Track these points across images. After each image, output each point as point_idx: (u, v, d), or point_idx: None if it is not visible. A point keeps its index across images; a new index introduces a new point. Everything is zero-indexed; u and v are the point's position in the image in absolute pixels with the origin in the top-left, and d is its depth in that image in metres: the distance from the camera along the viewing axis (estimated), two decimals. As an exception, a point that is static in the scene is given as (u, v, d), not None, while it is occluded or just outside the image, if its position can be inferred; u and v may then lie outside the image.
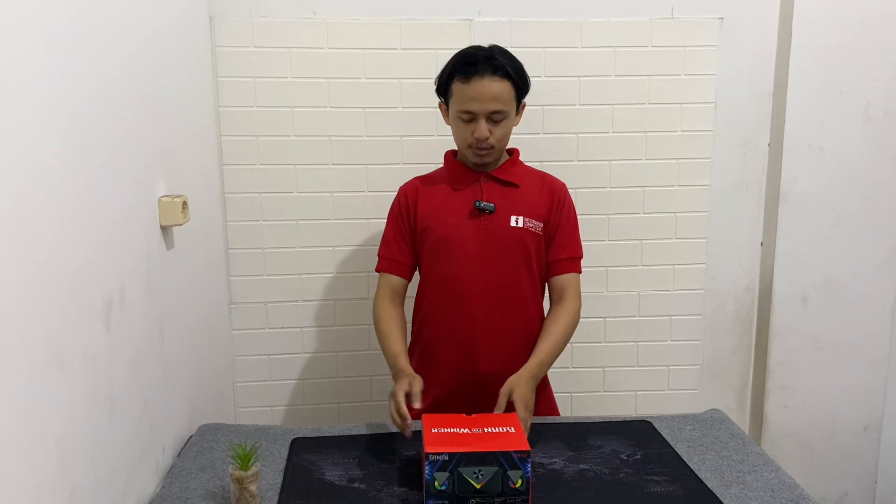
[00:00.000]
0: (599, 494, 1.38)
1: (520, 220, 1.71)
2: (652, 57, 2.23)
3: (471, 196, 1.72)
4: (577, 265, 1.78)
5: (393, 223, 1.80)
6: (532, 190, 1.75)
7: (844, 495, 2.50)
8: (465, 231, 1.71)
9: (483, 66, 1.62)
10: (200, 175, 1.94)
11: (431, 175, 1.83)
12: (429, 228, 1.74)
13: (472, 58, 1.65)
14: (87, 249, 1.16)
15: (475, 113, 1.64)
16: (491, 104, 1.62)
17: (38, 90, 1.02)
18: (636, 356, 2.40)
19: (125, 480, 1.31)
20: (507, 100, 1.65)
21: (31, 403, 0.98)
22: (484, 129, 1.64)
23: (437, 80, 1.72)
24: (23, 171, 0.97)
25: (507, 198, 1.72)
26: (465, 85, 1.63)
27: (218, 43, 2.11)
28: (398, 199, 1.80)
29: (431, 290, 1.77)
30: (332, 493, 1.38)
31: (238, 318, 2.27)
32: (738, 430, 1.66)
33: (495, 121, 1.65)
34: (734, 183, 2.36)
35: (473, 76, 1.62)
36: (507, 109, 1.65)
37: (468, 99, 1.63)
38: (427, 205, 1.75)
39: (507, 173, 1.75)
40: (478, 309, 1.72)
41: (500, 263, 1.71)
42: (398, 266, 1.78)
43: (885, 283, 2.39)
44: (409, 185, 1.82)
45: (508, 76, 1.64)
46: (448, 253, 1.72)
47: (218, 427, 1.70)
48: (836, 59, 2.27)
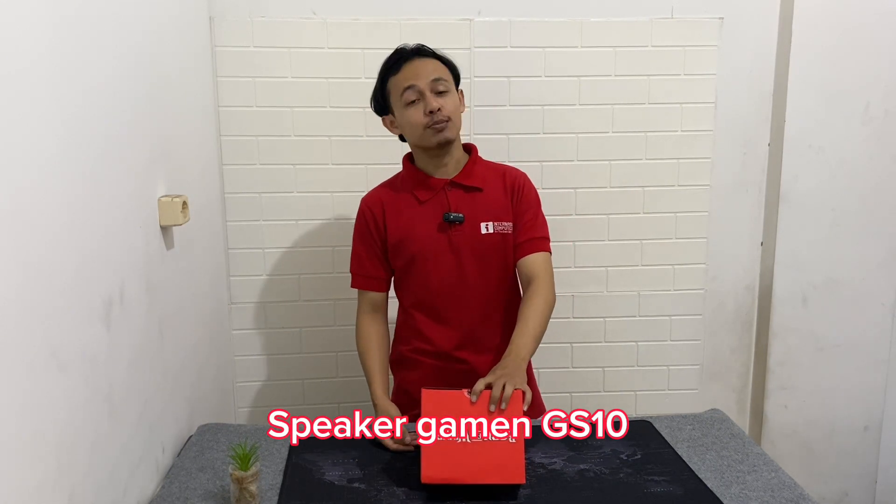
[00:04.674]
0: (599, 494, 1.37)
1: (490, 226, 1.69)
2: (652, 57, 2.23)
3: (438, 208, 1.70)
4: (544, 244, 1.72)
5: (361, 239, 1.76)
6: (496, 190, 1.72)
7: (844, 495, 2.50)
8: (437, 244, 1.69)
9: (409, 54, 1.68)
10: (200, 175, 1.94)
11: (392, 183, 1.78)
12: (401, 245, 1.71)
13: (397, 53, 1.70)
14: (86, 249, 1.16)
15: (419, 87, 1.63)
16: (430, 74, 1.64)
17: (38, 90, 1.02)
18: (636, 356, 2.40)
19: (125, 480, 1.31)
20: (443, 73, 1.66)
21: (31, 403, 0.98)
22: (432, 101, 1.63)
23: (373, 100, 1.74)
24: (22, 170, 0.97)
25: (473, 204, 1.70)
26: (399, 74, 1.66)
27: (218, 43, 2.11)
28: (363, 213, 1.76)
29: (412, 302, 1.76)
30: (332, 493, 1.38)
31: (238, 318, 2.27)
32: (738, 430, 1.66)
33: (440, 91, 1.64)
34: (734, 183, 2.36)
35: (403, 63, 1.66)
36: (448, 80, 1.66)
37: (406, 79, 1.65)
38: (395, 220, 1.72)
39: (470, 177, 1.71)
40: (459, 321, 1.71)
41: (477, 272, 1.70)
42: (374, 282, 1.77)
43: (885, 283, 2.39)
44: (371, 198, 1.77)
45: (437, 57, 1.69)
46: (425, 267, 1.70)
47: (218, 427, 1.70)
48: (836, 59, 2.27)
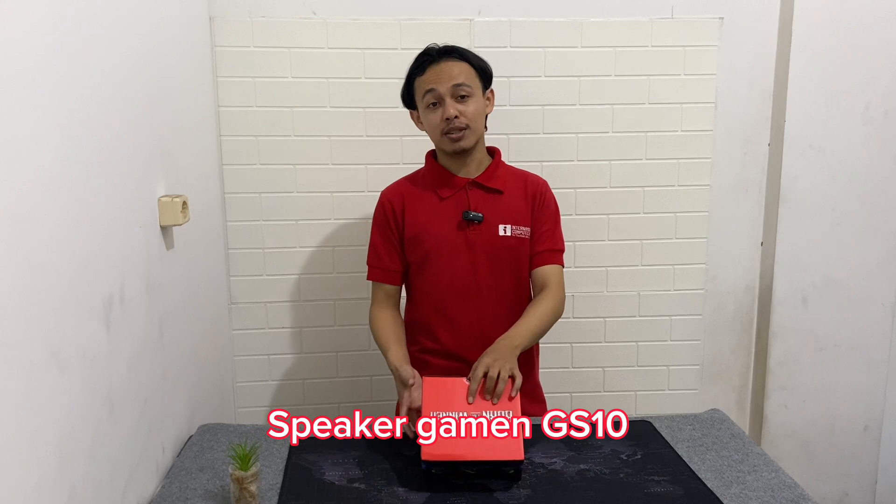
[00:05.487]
0: (599, 494, 1.37)
1: (508, 229, 1.71)
2: (652, 57, 2.23)
3: (458, 205, 1.71)
4: (558, 257, 1.75)
5: (379, 230, 1.77)
6: (517, 194, 1.74)
7: (844, 495, 2.50)
8: (455, 242, 1.70)
9: (436, 55, 1.67)
10: (200, 175, 1.94)
11: (413, 178, 1.80)
12: (417, 239, 1.72)
13: (426, 52, 1.70)
14: (86, 249, 1.16)
15: (439, 92, 1.64)
16: (451, 80, 1.64)
17: (38, 90, 1.02)
18: (636, 356, 2.40)
19: (125, 480, 1.31)
20: (468, 77, 1.65)
21: (31, 403, 0.98)
22: (451, 108, 1.63)
23: (402, 93, 1.75)
24: (22, 170, 0.97)
25: (493, 205, 1.71)
26: (423, 76, 1.67)
27: (218, 43, 2.11)
28: (382, 205, 1.77)
29: (421, 301, 1.76)
30: (332, 493, 1.38)
31: (238, 318, 2.27)
32: (738, 430, 1.66)
33: (461, 97, 1.64)
34: (734, 183, 2.36)
35: (429, 66, 1.66)
36: (471, 85, 1.65)
37: (428, 83, 1.66)
38: (414, 214, 1.73)
39: (492, 179, 1.73)
40: (469, 320, 1.72)
41: (490, 273, 1.71)
42: (390, 274, 1.77)
43: (885, 283, 2.39)
44: (391, 190, 1.79)
45: (465, 59, 1.67)
46: (439, 264, 1.71)
47: (218, 427, 1.70)
48: (836, 59, 2.27)
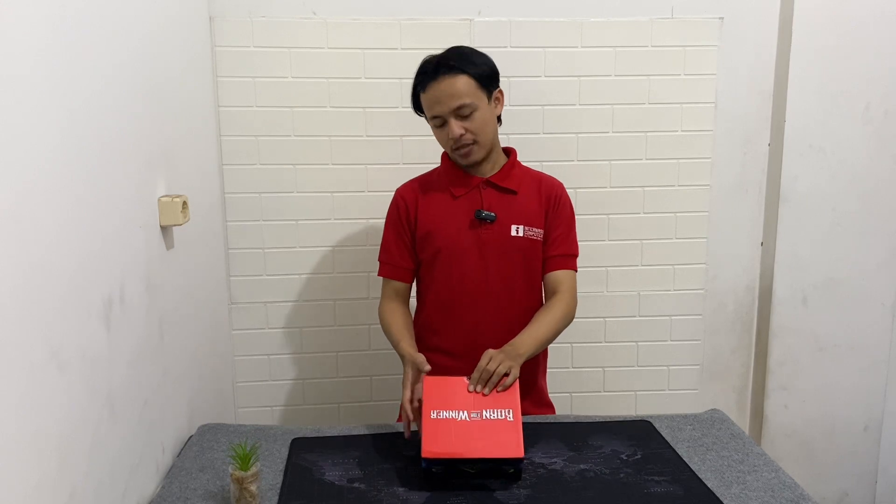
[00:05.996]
0: (599, 494, 1.37)
1: (520, 229, 1.71)
2: (652, 57, 2.23)
3: (471, 204, 1.71)
4: (572, 262, 1.75)
5: (392, 227, 1.78)
6: (531, 195, 1.74)
7: (844, 495, 2.50)
8: (466, 240, 1.71)
9: (434, 70, 1.64)
10: (200, 175, 1.94)
11: (428, 177, 1.81)
12: (429, 236, 1.73)
13: (425, 67, 1.67)
14: (86, 249, 1.16)
15: (441, 115, 1.64)
16: (451, 101, 1.62)
17: (38, 90, 1.02)
18: (636, 356, 2.40)
19: (125, 480, 1.31)
20: (468, 92, 1.62)
21: (31, 404, 0.98)
22: (455, 128, 1.63)
23: (412, 99, 1.74)
24: (22, 170, 0.97)
25: (507, 205, 1.71)
26: (425, 93, 1.66)
27: (218, 43, 2.11)
28: (396, 202, 1.78)
29: (432, 298, 1.77)
30: (332, 493, 1.38)
31: (238, 318, 2.27)
32: (738, 430, 1.66)
33: (464, 115, 1.63)
34: (734, 183, 2.36)
35: (429, 83, 1.64)
36: (472, 101, 1.63)
37: (430, 105, 1.66)
38: (427, 211, 1.74)
39: (506, 179, 1.73)
40: (476, 321, 1.72)
41: (501, 273, 1.71)
42: (400, 271, 1.78)
43: (885, 283, 2.39)
44: (406, 188, 1.80)
45: (463, 70, 1.63)
46: (449, 262, 1.72)
47: (218, 427, 1.70)
48: (836, 59, 2.27)
